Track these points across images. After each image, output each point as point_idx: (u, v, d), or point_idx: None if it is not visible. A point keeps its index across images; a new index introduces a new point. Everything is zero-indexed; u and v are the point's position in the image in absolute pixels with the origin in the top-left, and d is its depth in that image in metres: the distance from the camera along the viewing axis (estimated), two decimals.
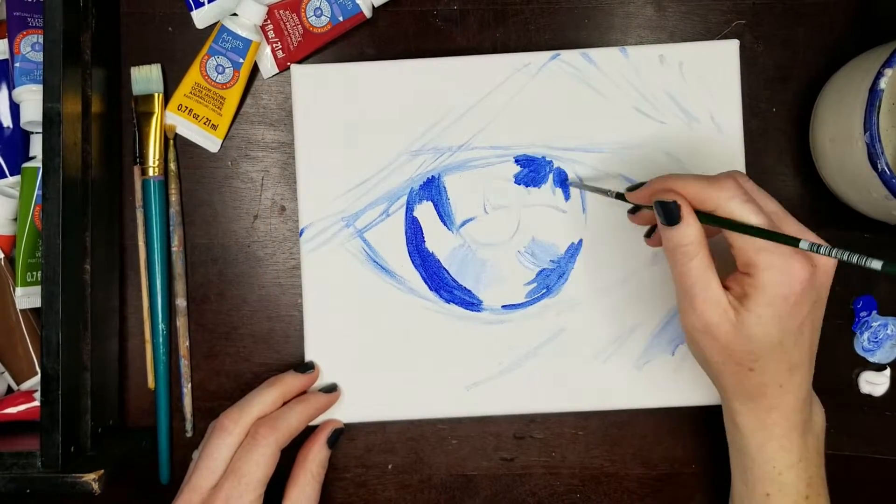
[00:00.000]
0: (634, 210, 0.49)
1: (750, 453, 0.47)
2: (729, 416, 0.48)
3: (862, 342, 0.57)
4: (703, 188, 0.43)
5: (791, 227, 0.44)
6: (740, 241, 0.43)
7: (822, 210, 0.57)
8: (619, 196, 0.49)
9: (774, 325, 0.43)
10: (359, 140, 0.54)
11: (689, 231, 0.43)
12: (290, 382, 0.53)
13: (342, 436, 0.54)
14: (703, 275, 0.43)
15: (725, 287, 0.44)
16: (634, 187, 0.48)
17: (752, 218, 0.42)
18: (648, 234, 0.51)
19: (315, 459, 0.52)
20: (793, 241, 0.41)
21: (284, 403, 0.52)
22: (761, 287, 0.42)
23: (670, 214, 0.44)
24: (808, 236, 0.44)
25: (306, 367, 0.54)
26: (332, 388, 0.54)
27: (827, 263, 0.44)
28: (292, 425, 0.51)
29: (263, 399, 0.51)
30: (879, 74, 0.48)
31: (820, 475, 0.48)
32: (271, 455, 0.49)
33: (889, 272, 0.39)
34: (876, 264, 0.39)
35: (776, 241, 0.42)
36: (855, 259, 0.40)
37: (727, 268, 0.44)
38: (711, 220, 0.43)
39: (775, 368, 0.44)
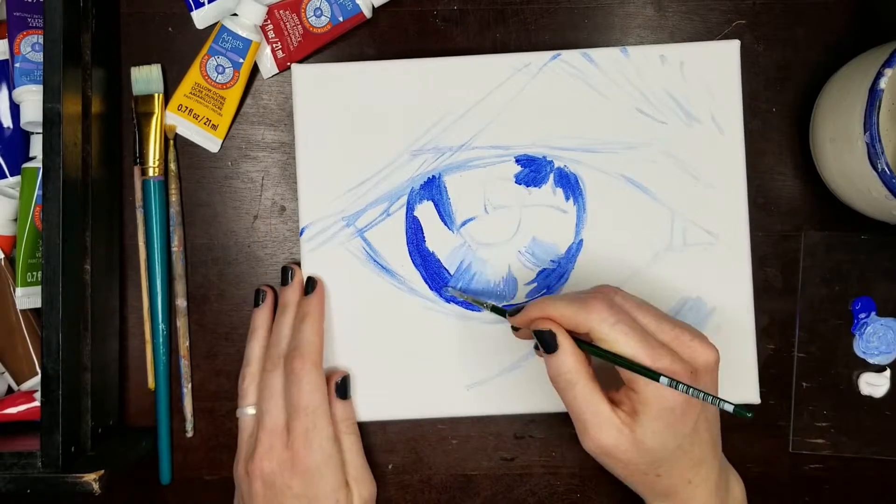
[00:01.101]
0: (515, 329, 0.50)
1: None
2: None
3: (861, 344, 0.57)
4: (575, 312, 0.44)
5: (667, 334, 0.44)
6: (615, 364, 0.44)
7: (821, 210, 0.57)
8: (496, 310, 0.50)
9: (668, 434, 0.44)
10: (359, 139, 0.54)
11: (567, 360, 0.44)
12: (268, 310, 0.55)
13: (349, 380, 0.54)
14: (590, 400, 0.44)
15: (616, 402, 0.45)
16: (514, 311, 0.47)
17: (621, 339, 0.43)
18: (537, 347, 0.48)
19: (339, 419, 0.52)
20: (653, 376, 0.42)
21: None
22: (647, 403, 0.43)
23: (546, 343, 0.44)
24: (682, 346, 0.44)
25: (284, 279, 0.54)
26: (313, 287, 0.54)
27: (708, 360, 0.44)
28: (314, 342, 0.51)
29: (272, 333, 0.54)
30: (879, 74, 0.48)
31: None
32: (318, 377, 0.51)
33: (739, 414, 0.41)
34: (728, 407, 0.41)
35: (639, 374, 0.43)
36: (710, 400, 0.42)
37: (618, 378, 0.45)
38: (586, 347, 0.44)
39: (680, 470, 0.46)
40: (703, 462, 0.46)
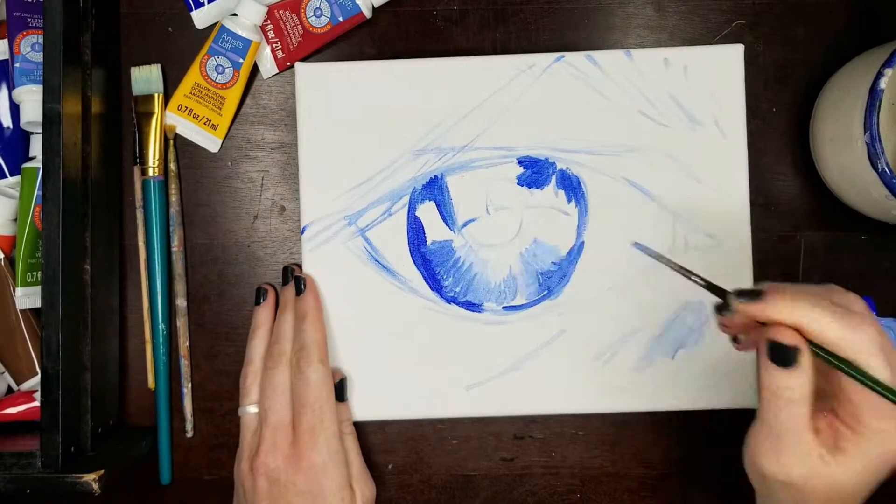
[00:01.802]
0: (723, 309, 0.41)
1: None
2: None
3: None
4: (843, 332, 0.37)
5: None
6: (858, 396, 0.38)
7: (821, 210, 0.57)
8: (712, 288, 0.42)
9: (871, 479, 0.39)
10: (362, 139, 0.54)
11: (802, 378, 0.38)
12: (269, 308, 0.55)
13: (346, 382, 0.54)
14: (800, 426, 0.38)
15: (815, 429, 0.39)
16: (747, 293, 0.39)
17: (882, 373, 0.37)
18: (736, 340, 0.43)
19: (338, 420, 0.52)
20: None
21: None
22: (864, 448, 0.38)
23: (785, 357, 0.38)
24: None
25: (285, 279, 0.55)
26: (301, 286, 0.54)
27: None
28: (317, 339, 0.52)
29: (272, 333, 0.54)
30: (879, 74, 0.48)
31: None
32: (325, 374, 0.51)
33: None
34: None
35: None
36: None
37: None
38: (834, 362, 0.38)
39: None
40: None
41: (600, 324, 0.54)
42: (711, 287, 0.42)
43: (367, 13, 0.56)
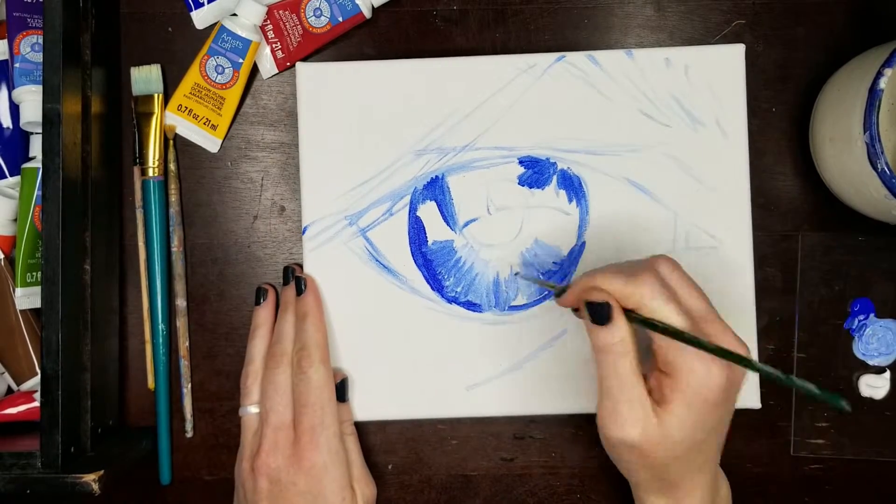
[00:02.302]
0: (560, 294, 0.47)
1: None
2: (639, 502, 0.48)
3: (860, 345, 0.57)
4: (624, 285, 0.43)
5: (714, 327, 0.43)
6: (661, 340, 0.42)
7: (821, 210, 0.57)
8: (553, 287, 0.48)
9: (694, 426, 0.42)
10: (363, 139, 0.54)
11: (619, 332, 0.43)
12: (270, 309, 0.55)
13: (347, 382, 0.54)
14: (630, 381, 0.43)
15: (647, 389, 0.43)
16: (561, 290, 0.46)
17: (673, 319, 0.42)
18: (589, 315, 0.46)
19: (339, 420, 0.52)
20: (715, 350, 0.41)
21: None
22: (682, 389, 0.42)
23: (599, 315, 0.43)
24: (728, 341, 0.43)
25: (286, 279, 0.55)
26: (301, 286, 0.54)
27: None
28: (318, 339, 0.52)
29: (272, 334, 0.54)
30: (879, 74, 0.48)
31: None
32: (326, 374, 0.51)
33: (831, 401, 0.37)
34: (811, 386, 0.38)
35: (697, 346, 0.41)
36: (782, 378, 0.39)
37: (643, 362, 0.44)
38: (636, 321, 0.43)
39: (690, 465, 0.44)
40: (711, 461, 0.46)
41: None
42: (545, 284, 0.50)
43: (367, 13, 0.56)
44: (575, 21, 0.58)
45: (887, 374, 0.57)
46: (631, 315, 0.43)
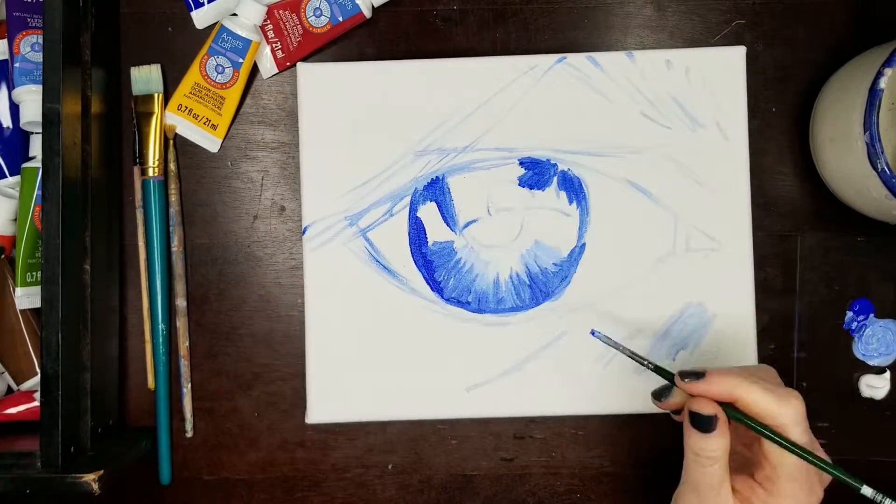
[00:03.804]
0: (661, 395, 0.46)
1: None
2: None
3: (860, 346, 0.57)
4: (770, 405, 0.42)
5: (821, 457, 0.44)
6: (775, 459, 0.43)
7: (821, 210, 0.57)
8: (659, 371, 0.46)
9: None
10: (363, 139, 0.54)
11: (721, 443, 0.43)
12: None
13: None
14: (718, 482, 0.43)
15: (733, 489, 0.44)
16: (690, 375, 0.44)
17: (803, 439, 0.43)
18: (657, 397, 0.47)
19: None
20: (856, 485, 0.43)
21: None
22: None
23: (705, 424, 0.43)
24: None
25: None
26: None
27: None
28: None
29: None
30: (879, 74, 0.48)
31: None
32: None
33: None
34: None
35: (840, 480, 0.43)
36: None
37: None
38: (758, 428, 0.43)
39: None
40: None
41: (602, 325, 0.54)
42: (659, 370, 0.46)
43: (367, 13, 0.56)
44: (575, 21, 0.58)
45: (887, 375, 0.57)
46: (750, 423, 0.43)
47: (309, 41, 0.56)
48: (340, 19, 0.56)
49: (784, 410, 0.42)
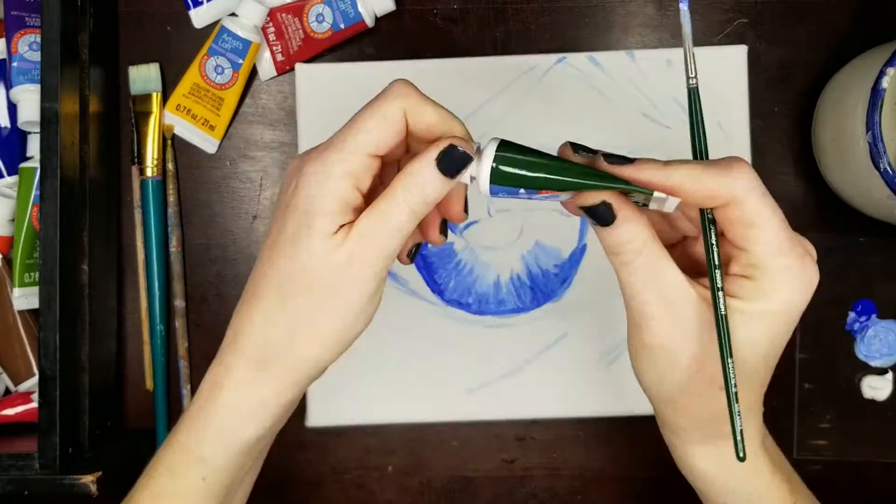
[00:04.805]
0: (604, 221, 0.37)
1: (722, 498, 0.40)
2: (686, 465, 0.42)
3: (863, 347, 0.57)
4: (712, 178, 0.35)
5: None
6: (760, 239, 0.35)
7: (823, 210, 0.57)
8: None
9: (774, 342, 0.36)
10: None
11: (635, 228, 0.36)
12: None
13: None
14: (662, 267, 0.36)
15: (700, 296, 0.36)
16: (615, 158, 0.37)
17: (774, 217, 0.36)
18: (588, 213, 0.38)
19: (415, 183, 0.38)
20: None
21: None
22: (767, 291, 0.35)
23: (603, 217, 0.36)
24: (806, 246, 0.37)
25: None
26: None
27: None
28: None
29: None
30: (882, 74, 0.47)
31: (792, 473, 0.40)
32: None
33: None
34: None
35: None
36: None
37: None
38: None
39: (748, 394, 0.37)
40: (764, 388, 0.38)
41: (602, 326, 0.54)
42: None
43: (370, 22, 0.56)
44: (576, 20, 0.57)
45: (889, 376, 0.57)
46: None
47: (309, 46, 0.56)
48: (342, 26, 0.56)
49: (732, 180, 0.35)
